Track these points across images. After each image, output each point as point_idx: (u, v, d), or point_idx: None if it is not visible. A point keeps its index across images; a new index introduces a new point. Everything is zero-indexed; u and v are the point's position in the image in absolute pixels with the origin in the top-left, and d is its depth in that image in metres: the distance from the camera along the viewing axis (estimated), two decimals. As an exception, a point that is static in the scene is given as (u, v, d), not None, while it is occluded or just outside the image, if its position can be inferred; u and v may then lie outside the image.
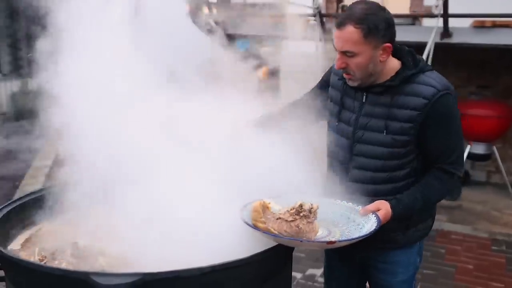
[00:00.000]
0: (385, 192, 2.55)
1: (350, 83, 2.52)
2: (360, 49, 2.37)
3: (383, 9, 2.40)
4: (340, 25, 2.38)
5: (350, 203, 2.46)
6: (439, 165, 2.51)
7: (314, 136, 2.86)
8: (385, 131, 2.49)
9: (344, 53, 2.41)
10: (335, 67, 2.48)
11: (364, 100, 2.55)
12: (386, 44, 2.40)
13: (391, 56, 2.48)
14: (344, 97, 2.63)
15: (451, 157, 2.50)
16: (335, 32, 2.42)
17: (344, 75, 2.51)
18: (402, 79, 2.46)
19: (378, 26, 2.35)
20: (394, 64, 2.50)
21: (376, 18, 2.35)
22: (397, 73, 2.48)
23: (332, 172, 2.71)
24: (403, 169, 2.55)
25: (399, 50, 2.52)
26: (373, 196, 2.52)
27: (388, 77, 2.48)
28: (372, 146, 2.54)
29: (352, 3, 2.44)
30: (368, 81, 2.49)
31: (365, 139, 2.55)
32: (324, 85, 2.82)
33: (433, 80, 2.45)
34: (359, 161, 2.58)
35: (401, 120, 2.46)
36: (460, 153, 2.53)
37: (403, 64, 2.51)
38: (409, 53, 2.53)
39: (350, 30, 2.35)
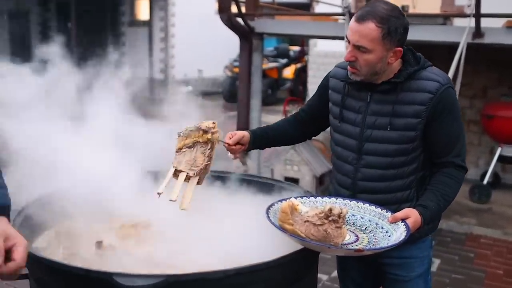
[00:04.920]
0: (395, 188, 2.60)
1: (353, 77, 2.54)
2: (374, 47, 2.40)
3: (403, 14, 2.45)
4: (360, 19, 2.39)
5: (379, 209, 2.43)
6: (446, 159, 2.55)
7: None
8: (392, 128, 2.53)
9: (357, 47, 2.42)
10: (345, 58, 2.50)
11: (369, 100, 2.58)
12: (398, 48, 2.44)
13: None
14: (347, 98, 2.66)
15: (455, 148, 2.55)
16: (352, 25, 2.43)
17: (349, 68, 2.53)
18: (407, 76, 2.50)
19: (397, 30, 2.39)
20: (395, 63, 2.53)
21: (397, 22, 2.39)
22: (400, 70, 2.52)
23: (339, 172, 2.74)
24: (411, 164, 2.58)
25: None
26: (384, 193, 2.58)
27: (391, 76, 2.52)
28: (381, 144, 2.56)
29: (373, 1, 2.45)
30: (371, 78, 2.52)
31: (373, 137, 2.57)
32: (322, 92, 2.85)
33: (435, 75, 2.51)
34: (368, 160, 2.60)
35: (408, 116, 2.50)
36: (463, 143, 2.59)
37: (404, 61, 2.55)
38: (409, 50, 2.58)
39: (371, 26, 2.37)
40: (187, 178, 2.48)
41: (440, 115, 2.48)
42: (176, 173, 2.49)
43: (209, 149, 2.54)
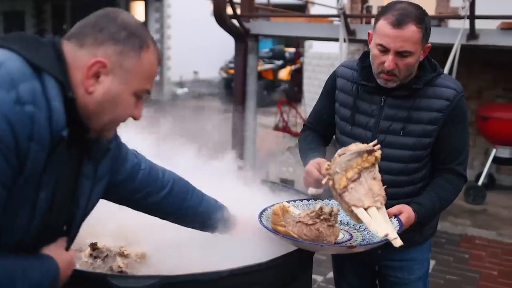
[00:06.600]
0: (404, 194, 2.56)
1: (389, 85, 2.45)
2: (416, 49, 2.36)
3: None
4: (400, 24, 2.31)
5: None
6: (449, 165, 2.56)
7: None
8: (408, 134, 2.50)
9: (400, 53, 2.35)
10: (387, 67, 2.38)
11: (382, 104, 2.53)
12: (428, 44, 2.43)
13: None
14: (358, 101, 2.59)
15: (460, 157, 2.57)
16: (390, 32, 2.33)
17: (385, 76, 2.43)
18: (425, 82, 2.47)
19: (430, 28, 2.40)
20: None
21: (429, 20, 2.39)
22: (418, 76, 2.48)
23: None
24: (422, 170, 2.58)
25: None
26: (393, 199, 2.48)
27: (406, 80, 2.46)
28: (395, 150, 2.52)
29: (396, 2, 2.41)
30: (406, 81, 2.46)
31: (387, 143, 2.51)
32: (330, 93, 2.73)
33: (451, 83, 2.52)
34: (380, 165, 2.53)
35: (424, 122, 2.48)
36: (467, 153, 2.63)
37: (422, 67, 2.51)
38: (425, 57, 2.53)
39: (413, 29, 2.32)
40: None
41: (451, 122, 2.48)
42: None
43: (377, 170, 2.24)
